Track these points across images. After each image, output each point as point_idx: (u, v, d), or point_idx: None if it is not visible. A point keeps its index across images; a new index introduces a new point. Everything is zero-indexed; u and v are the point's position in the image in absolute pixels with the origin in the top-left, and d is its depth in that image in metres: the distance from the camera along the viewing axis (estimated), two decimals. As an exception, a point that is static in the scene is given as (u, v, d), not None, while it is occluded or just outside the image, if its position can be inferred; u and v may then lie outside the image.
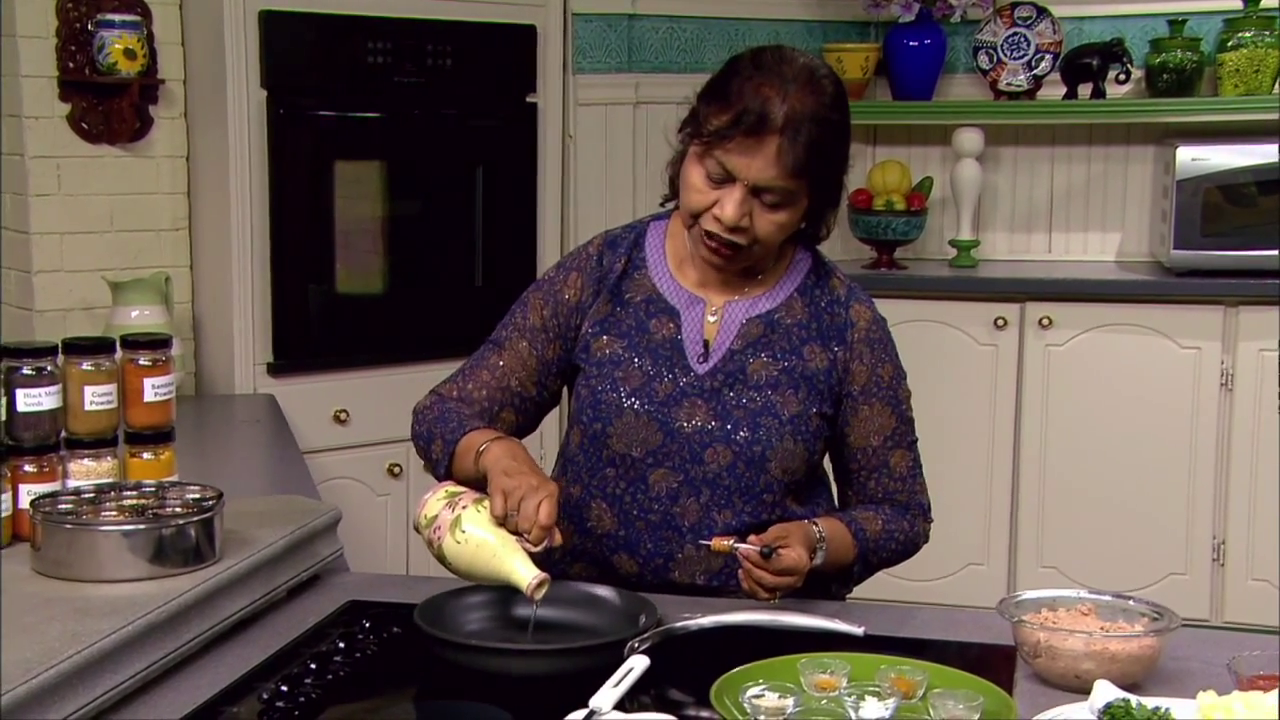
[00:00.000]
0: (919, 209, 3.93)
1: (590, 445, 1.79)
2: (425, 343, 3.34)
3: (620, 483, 1.77)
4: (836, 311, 1.81)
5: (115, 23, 2.95)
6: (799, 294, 1.82)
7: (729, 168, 1.68)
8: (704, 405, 1.76)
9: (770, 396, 1.76)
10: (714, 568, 1.76)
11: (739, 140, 1.66)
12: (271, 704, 1.40)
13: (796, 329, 1.80)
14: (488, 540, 1.55)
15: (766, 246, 1.76)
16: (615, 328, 1.81)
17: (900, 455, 1.84)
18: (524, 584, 1.52)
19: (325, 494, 2.75)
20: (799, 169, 1.67)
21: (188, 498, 1.65)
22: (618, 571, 1.78)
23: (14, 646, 1.34)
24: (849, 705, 1.36)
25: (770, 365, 1.77)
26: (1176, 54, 3.76)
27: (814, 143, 1.67)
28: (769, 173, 1.67)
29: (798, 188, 1.70)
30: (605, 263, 1.84)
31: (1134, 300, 3.63)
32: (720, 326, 1.80)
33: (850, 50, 3.98)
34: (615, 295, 1.83)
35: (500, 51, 3.39)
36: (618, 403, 1.76)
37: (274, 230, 3.10)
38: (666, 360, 1.78)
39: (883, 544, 1.81)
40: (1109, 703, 1.31)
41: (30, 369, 1.70)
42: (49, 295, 2.99)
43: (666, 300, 1.82)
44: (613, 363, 1.78)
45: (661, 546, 1.76)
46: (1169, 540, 3.63)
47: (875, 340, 1.82)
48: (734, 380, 1.77)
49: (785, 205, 1.71)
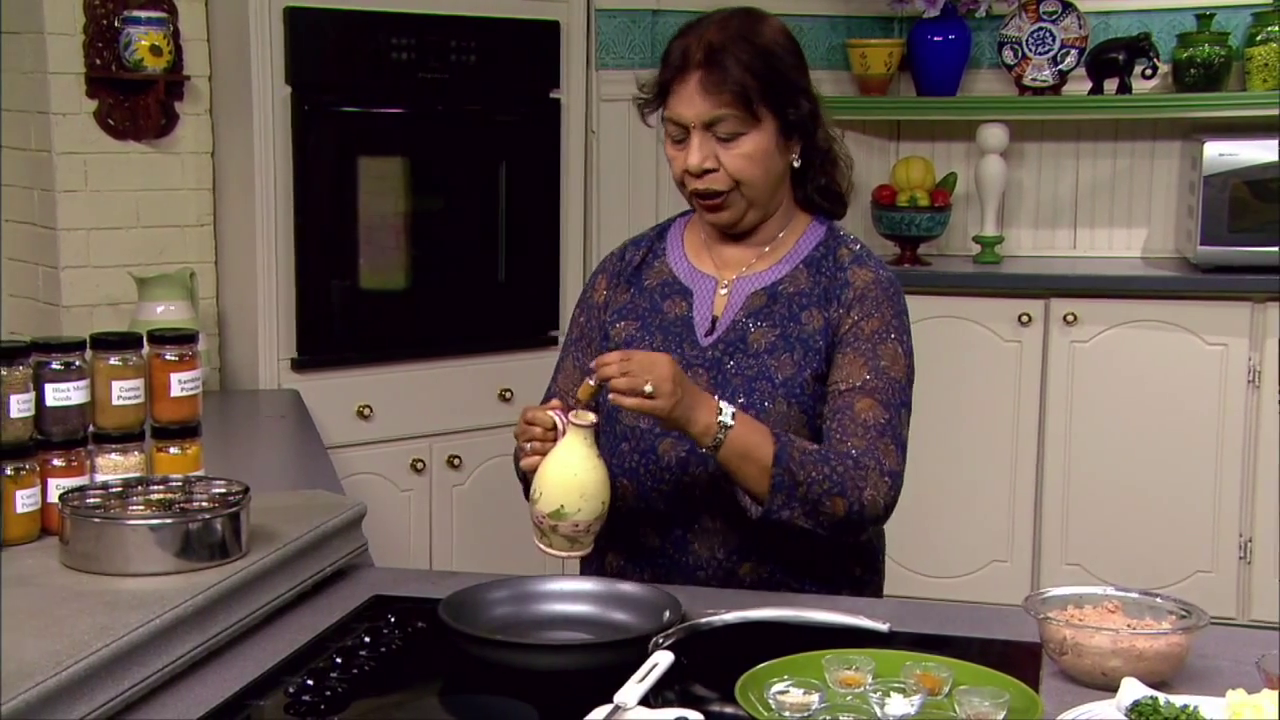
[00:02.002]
0: (943, 205, 3.91)
1: (608, 425, 1.84)
2: (448, 338, 3.35)
3: (634, 455, 1.82)
4: (837, 276, 1.83)
5: (141, 19, 2.96)
6: (805, 265, 1.85)
7: (676, 119, 1.78)
8: (705, 375, 1.79)
9: (766, 361, 1.78)
10: (731, 541, 1.79)
11: (674, 88, 1.77)
12: (297, 698, 1.41)
13: (798, 297, 1.82)
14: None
15: (750, 185, 1.78)
16: (632, 312, 1.88)
17: (868, 405, 1.73)
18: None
19: (349, 489, 2.76)
20: (730, 92, 1.74)
21: (214, 492, 1.66)
22: (644, 546, 1.81)
23: (44, 639, 1.35)
24: (874, 702, 1.35)
25: (769, 332, 1.80)
26: (1204, 48, 3.73)
27: (739, 63, 1.74)
28: (705, 105, 1.75)
29: (743, 113, 1.75)
30: (627, 256, 1.94)
31: (1160, 296, 3.61)
32: (729, 301, 1.84)
33: (874, 46, 3.97)
34: (634, 283, 1.90)
35: (524, 47, 3.39)
36: None
37: (298, 226, 3.11)
38: (676, 336, 1.83)
39: (813, 462, 1.67)
40: (1136, 700, 1.31)
41: (59, 364, 1.71)
42: (76, 291, 3.01)
43: (681, 281, 1.88)
44: (627, 343, 1.85)
45: (679, 516, 1.80)
46: (1195, 538, 3.61)
47: (869, 297, 1.81)
48: (735, 349, 1.80)
49: (741, 134, 1.76)
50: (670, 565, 1.80)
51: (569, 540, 1.69)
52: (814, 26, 3.99)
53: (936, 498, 3.70)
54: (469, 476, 3.38)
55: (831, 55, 4.04)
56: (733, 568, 1.79)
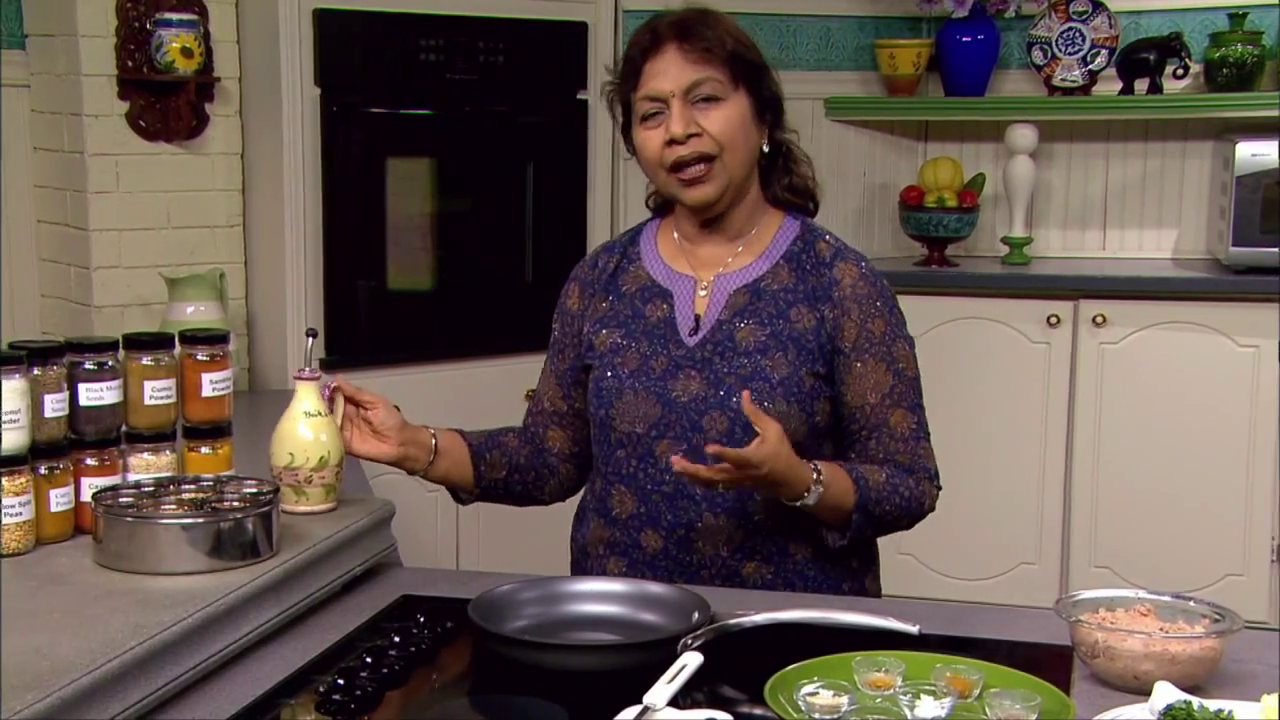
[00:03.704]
0: (971, 206, 3.90)
1: (601, 433, 1.86)
2: (475, 339, 3.35)
3: (631, 461, 1.83)
4: (821, 272, 1.83)
5: (173, 22, 2.98)
6: (785, 260, 1.85)
7: (654, 93, 1.80)
8: (697, 375, 1.80)
9: (760, 361, 1.79)
10: (735, 539, 1.80)
11: (648, 66, 1.80)
12: (328, 697, 1.41)
13: (783, 293, 1.83)
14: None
15: (732, 151, 1.80)
16: (613, 319, 1.89)
17: (901, 415, 1.82)
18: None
19: (376, 489, 2.76)
20: (709, 51, 1.78)
21: (245, 492, 1.66)
22: (646, 550, 1.82)
23: (78, 637, 1.36)
24: (904, 704, 1.35)
25: (758, 330, 1.81)
26: (1237, 48, 3.70)
27: (711, 30, 1.79)
28: (687, 70, 1.78)
29: (721, 74, 1.79)
30: (600, 263, 1.95)
31: (1190, 298, 3.58)
32: (710, 300, 1.85)
33: (902, 46, 3.96)
34: (611, 290, 1.91)
35: (551, 48, 3.40)
36: (617, 386, 1.83)
37: (326, 227, 3.12)
38: (661, 339, 1.84)
39: (886, 496, 1.78)
40: (1170, 705, 1.30)
41: (92, 364, 1.72)
42: (107, 291, 3.03)
43: (659, 284, 1.89)
44: (613, 351, 1.86)
45: (681, 517, 1.80)
46: (1226, 541, 3.58)
47: (863, 296, 1.82)
48: (724, 349, 1.81)
49: (721, 97, 1.79)
50: (674, 566, 1.81)
51: (293, 490, 1.76)
52: (842, 27, 3.98)
53: (965, 500, 3.68)
54: (496, 477, 3.39)
55: (860, 56, 4.03)
56: (737, 566, 1.80)
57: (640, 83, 1.81)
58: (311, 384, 1.80)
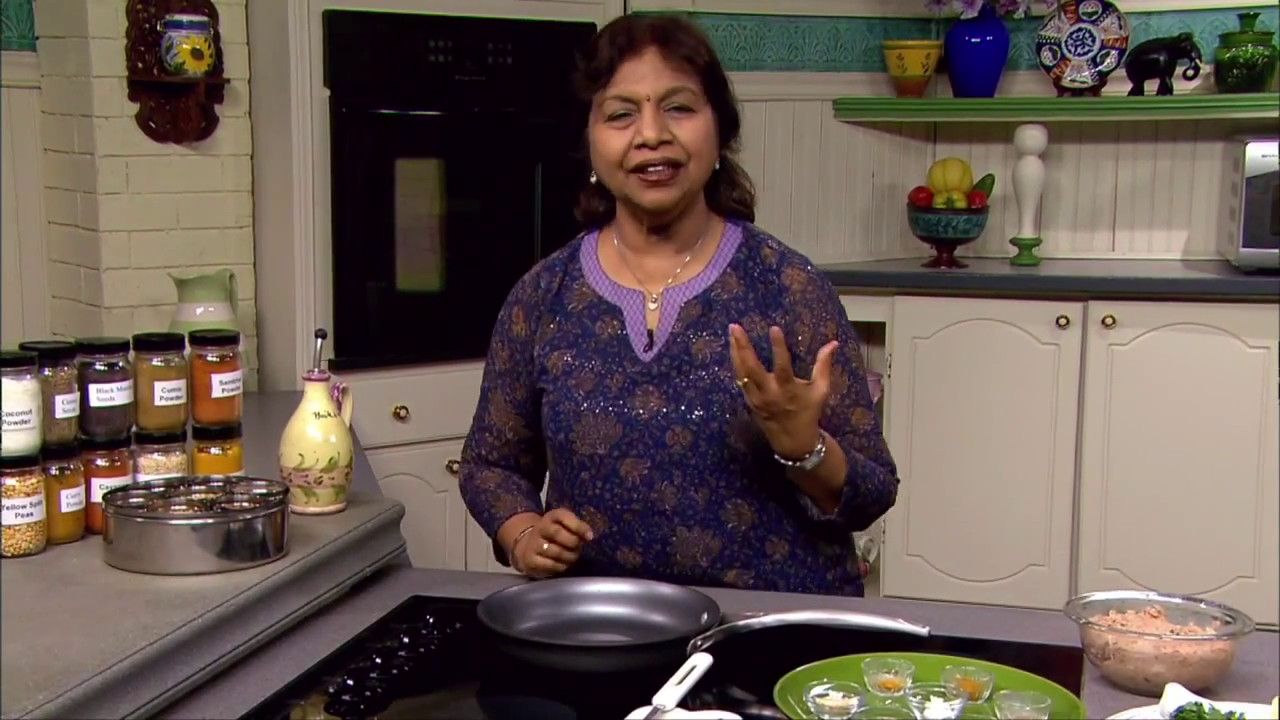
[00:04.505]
0: (980, 207, 3.89)
1: (561, 456, 1.84)
2: (484, 340, 3.33)
3: (596, 482, 1.81)
4: (770, 279, 1.84)
5: (183, 23, 2.99)
6: (732, 269, 1.85)
7: (628, 95, 1.78)
8: (655, 391, 1.79)
9: (718, 373, 1.78)
10: (713, 548, 1.79)
11: (624, 68, 1.77)
12: (338, 697, 1.42)
13: (734, 303, 1.83)
14: None
15: (698, 161, 1.79)
16: (563, 340, 1.86)
17: (861, 413, 1.85)
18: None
19: (385, 490, 2.77)
20: (688, 60, 1.77)
21: (255, 492, 1.67)
22: (625, 568, 1.81)
23: (89, 638, 1.36)
24: (914, 706, 1.35)
25: (713, 342, 1.80)
26: (1247, 48, 3.69)
27: (690, 37, 1.78)
28: (665, 77, 1.77)
29: (697, 86, 1.78)
30: (543, 284, 1.92)
31: (1200, 299, 3.57)
32: (661, 314, 1.84)
33: (911, 47, 3.95)
34: (557, 310, 1.88)
35: (560, 49, 3.36)
36: (575, 409, 1.81)
37: (335, 228, 3.12)
38: (615, 356, 1.82)
39: (868, 475, 1.79)
40: (1181, 707, 1.29)
41: (103, 365, 1.73)
42: (117, 292, 3.03)
43: (607, 300, 1.86)
44: (565, 373, 1.83)
45: (655, 533, 1.79)
46: (1236, 542, 3.57)
47: (813, 300, 1.83)
48: (680, 362, 1.80)
49: (693, 108, 1.79)
50: (654, 580, 1.76)
51: (303, 491, 1.77)
52: (851, 28, 3.98)
53: (973, 501, 3.67)
54: (504, 478, 3.39)
55: (868, 57, 4.03)
56: (717, 575, 1.80)
57: (612, 82, 1.78)
58: (321, 385, 1.81)
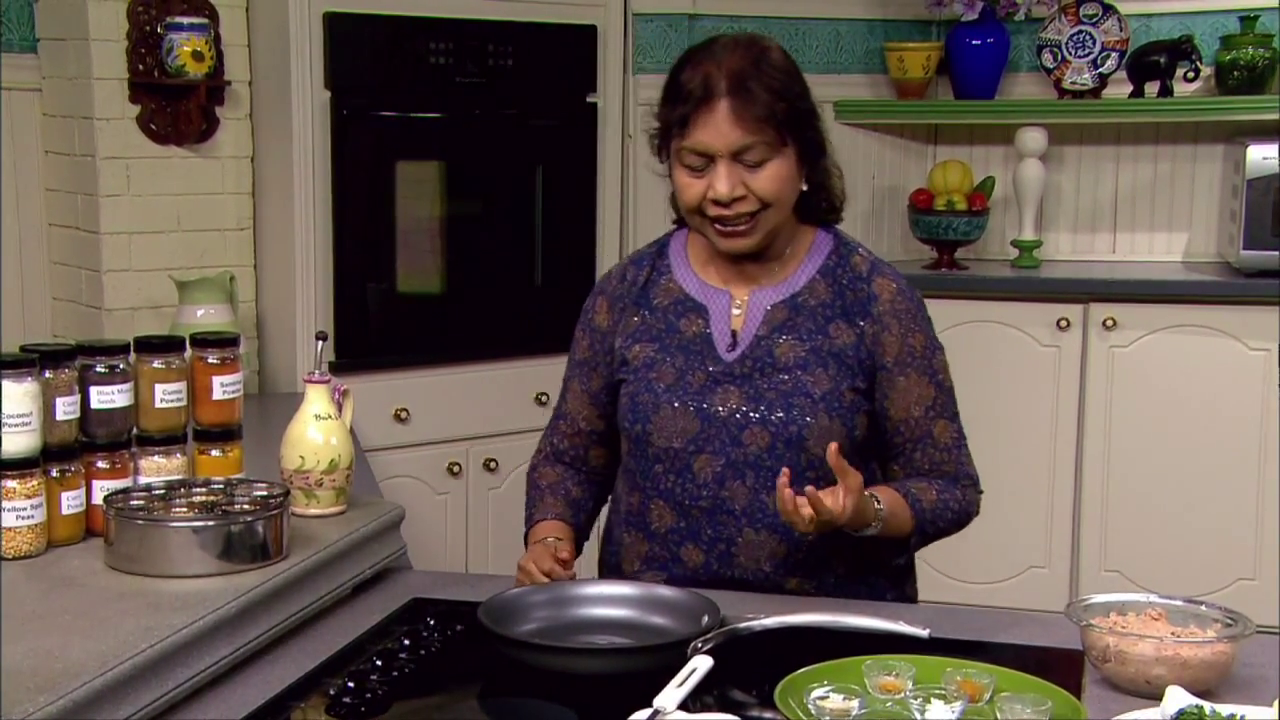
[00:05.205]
0: (981, 209, 3.89)
1: (636, 448, 1.84)
2: (485, 342, 3.35)
3: (670, 476, 1.81)
4: (859, 287, 1.83)
5: (184, 25, 2.99)
6: (821, 275, 1.85)
7: (702, 149, 1.75)
8: (736, 390, 1.79)
9: (800, 376, 1.78)
10: (778, 553, 1.78)
11: (698, 119, 1.74)
12: (338, 700, 1.42)
13: (821, 309, 1.82)
14: None
15: (778, 206, 1.78)
16: (646, 334, 1.86)
17: (943, 426, 1.85)
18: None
19: (386, 492, 2.77)
20: (761, 117, 1.73)
21: (255, 495, 1.67)
22: (687, 565, 1.80)
23: (89, 640, 1.36)
24: (914, 708, 1.35)
25: (797, 346, 1.80)
26: (1248, 50, 3.69)
27: (765, 88, 1.73)
28: (736, 133, 1.73)
29: (771, 138, 1.75)
30: (629, 277, 1.92)
31: (1201, 301, 3.57)
32: (746, 316, 1.83)
33: (912, 49, 3.95)
34: (642, 303, 1.88)
35: (561, 52, 3.40)
36: (654, 401, 1.81)
37: (336, 230, 3.12)
38: (697, 353, 1.82)
39: (939, 513, 1.82)
40: (1182, 709, 1.29)
41: (103, 367, 1.73)
42: (118, 294, 3.03)
43: (693, 298, 1.86)
44: (647, 366, 1.84)
45: (721, 532, 1.79)
46: (1237, 545, 3.57)
47: (902, 311, 1.83)
48: (763, 364, 1.80)
49: (770, 159, 1.76)
50: (715, 580, 1.79)
51: (304, 493, 1.77)
52: (851, 30, 3.98)
53: (974, 503, 3.67)
54: (505, 480, 3.39)
55: (869, 59, 4.03)
56: (780, 581, 1.79)
57: (687, 133, 1.75)
58: (322, 387, 1.81)
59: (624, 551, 1.88)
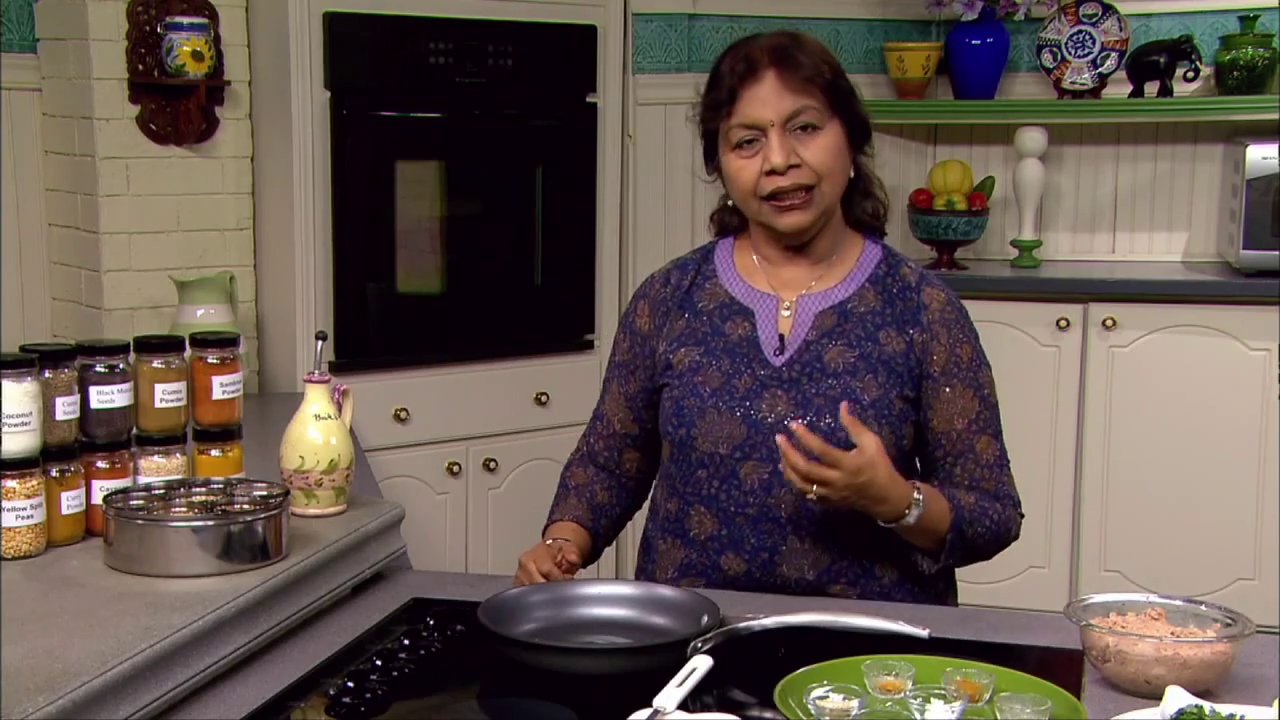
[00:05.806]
0: (980, 209, 3.89)
1: (679, 453, 1.81)
2: (484, 342, 3.35)
3: (713, 482, 1.78)
4: (909, 297, 1.82)
5: (183, 25, 2.99)
6: (870, 283, 1.84)
7: (751, 121, 1.77)
8: (784, 395, 1.77)
9: (850, 383, 1.76)
10: (821, 562, 1.77)
11: (745, 93, 1.76)
12: (338, 700, 1.42)
13: (870, 316, 1.81)
14: None
15: (830, 180, 1.78)
16: (691, 337, 1.85)
17: (986, 442, 1.83)
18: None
19: (385, 492, 2.77)
20: (808, 79, 1.75)
21: (255, 495, 1.67)
22: (726, 574, 1.79)
23: (89, 640, 1.36)
24: (914, 708, 1.35)
25: (847, 352, 1.78)
26: (1248, 50, 3.69)
27: (807, 56, 1.76)
28: (785, 100, 1.75)
29: (820, 101, 1.77)
30: (673, 281, 1.90)
31: (1201, 301, 3.57)
32: (794, 320, 1.82)
33: (911, 49, 3.95)
34: (686, 307, 1.87)
35: (560, 51, 3.40)
36: (699, 405, 1.79)
37: (336, 230, 3.12)
38: (744, 357, 1.81)
39: (977, 517, 1.78)
40: (1181, 709, 1.29)
41: (103, 367, 1.73)
42: (117, 294, 3.03)
43: (740, 302, 1.85)
44: (692, 370, 1.82)
45: (765, 540, 1.77)
46: (1237, 544, 3.57)
47: (951, 321, 1.83)
48: (812, 370, 1.78)
49: (819, 126, 1.78)
50: (755, 589, 1.77)
51: (303, 493, 1.78)
52: (851, 30, 3.98)
53: (974, 503, 3.67)
54: (505, 480, 3.39)
55: (869, 59, 4.03)
56: (822, 588, 1.77)
57: (734, 110, 1.77)
58: (321, 387, 1.81)
59: (660, 559, 1.85)
